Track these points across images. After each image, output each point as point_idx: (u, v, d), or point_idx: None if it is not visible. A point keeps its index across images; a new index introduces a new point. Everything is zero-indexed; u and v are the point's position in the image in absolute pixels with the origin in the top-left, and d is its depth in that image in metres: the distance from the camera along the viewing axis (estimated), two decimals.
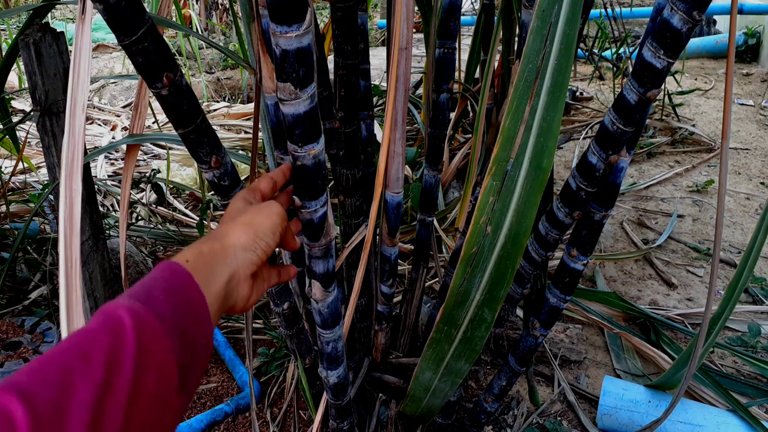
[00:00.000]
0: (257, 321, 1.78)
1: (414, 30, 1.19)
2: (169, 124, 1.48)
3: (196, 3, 5.29)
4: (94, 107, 3.83)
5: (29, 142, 3.04)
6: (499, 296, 0.83)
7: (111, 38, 5.09)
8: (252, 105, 3.15)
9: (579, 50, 3.39)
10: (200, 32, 4.99)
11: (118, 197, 2.47)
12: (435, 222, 1.60)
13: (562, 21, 0.70)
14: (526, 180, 0.75)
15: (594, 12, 3.51)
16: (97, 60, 4.74)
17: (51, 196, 1.91)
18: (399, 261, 1.19)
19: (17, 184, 2.59)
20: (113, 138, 3.28)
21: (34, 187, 2.56)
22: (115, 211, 2.44)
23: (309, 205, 0.75)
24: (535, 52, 0.72)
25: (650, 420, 1.37)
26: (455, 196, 2.42)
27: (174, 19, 3.75)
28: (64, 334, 0.97)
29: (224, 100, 4.30)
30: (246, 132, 3.33)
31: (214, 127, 1.01)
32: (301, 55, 0.61)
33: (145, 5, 0.69)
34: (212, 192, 1.92)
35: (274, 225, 0.65)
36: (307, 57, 0.61)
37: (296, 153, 0.70)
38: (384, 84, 3.48)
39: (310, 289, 0.89)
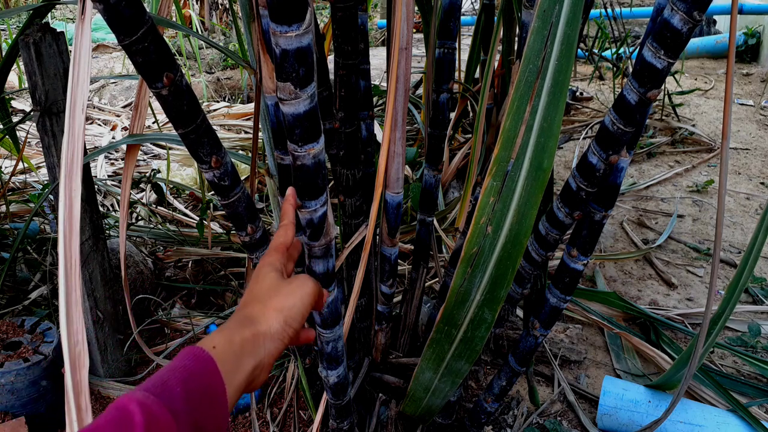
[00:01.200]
0: None
1: (414, 30, 1.19)
2: (169, 124, 1.48)
3: (196, 3, 5.29)
4: (94, 107, 3.83)
5: (29, 142, 3.04)
6: (499, 296, 0.83)
7: (111, 38, 5.09)
8: (252, 105, 3.15)
9: (579, 50, 3.39)
10: (200, 32, 4.99)
11: (118, 197, 2.47)
12: (435, 222, 1.60)
13: (562, 21, 0.70)
14: (527, 180, 0.75)
15: (594, 12, 3.51)
16: (97, 60, 4.74)
17: (51, 196, 1.91)
18: (399, 261, 1.19)
19: (17, 184, 2.59)
20: (113, 138, 3.28)
21: (34, 187, 2.56)
22: (115, 211, 2.44)
23: (309, 204, 0.75)
24: (535, 52, 0.72)
25: (650, 420, 1.37)
26: (455, 196, 2.42)
27: (174, 19, 3.75)
28: (64, 334, 0.96)
29: (224, 100, 4.30)
30: (246, 132, 3.33)
31: (214, 127, 1.01)
32: (301, 54, 0.61)
33: (145, 5, 0.69)
34: (212, 192, 1.92)
35: (305, 308, 0.63)
36: (308, 56, 0.61)
37: (296, 153, 0.70)
38: (384, 84, 3.48)
39: None
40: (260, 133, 1.09)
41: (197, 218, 2.27)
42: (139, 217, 2.37)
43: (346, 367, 1.03)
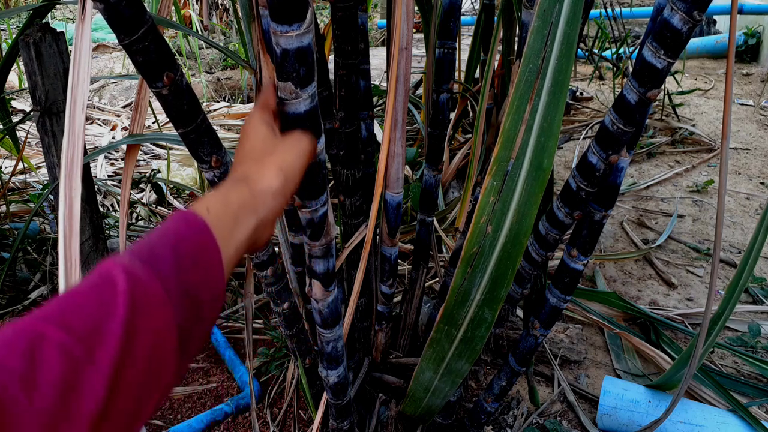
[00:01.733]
0: (257, 321, 1.78)
1: (414, 30, 1.19)
2: (169, 124, 1.48)
3: (196, 3, 5.29)
4: (94, 107, 3.83)
5: (29, 142, 3.04)
6: (499, 296, 0.83)
7: (111, 38, 5.09)
8: (252, 105, 3.14)
9: (579, 50, 3.39)
10: (200, 32, 4.99)
11: (118, 197, 2.46)
12: (435, 222, 1.60)
13: (562, 21, 0.70)
14: (527, 180, 0.75)
15: (594, 12, 3.51)
16: (97, 60, 4.74)
17: (51, 196, 1.91)
18: (399, 261, 1.19)
19: (17, 184, 2.59)
20: (113, 138, 3.28)
21: (34, 187, 2.56)
22: (115, 211, 2.44)
23: (310, 204, 0.75)
24: (535, 52, 0.72)
25: (650, 420, 1.37)
26: (455, 196, 2.42)
27: (174, 19, 3.75)
28: None
29: (224, 100, 4.30)
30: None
31: (215, 127, 1.01)
32: (301, 54, 0.60)
33: (145, 5, 0.69)
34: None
35: (303, 165, 0.60)
36: (308, 56, 0.61)
37: None
38: (384, 84, 3.48)
39: (310, 289, 0.89)
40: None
41: None
42: (139, 217, 2.37)
43: (346, 366, 1.03)
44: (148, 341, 0.39)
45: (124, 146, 1.99)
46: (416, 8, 1.77)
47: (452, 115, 2.66)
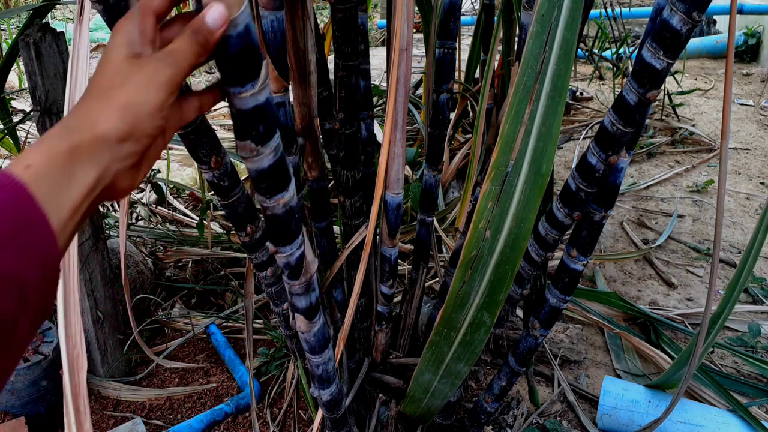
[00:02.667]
0: (257, 321, 1.78)
1: (414, 30, 1.19)
2: None
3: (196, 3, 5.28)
4: None
5: (29, 142, 3.04)
6: (498, 300, 0.83)
7: None
8: None
9: (579, 50, 3.38)
10: None
11: None
12: (435, 222, 1.60)
13: (561, 25, 0.70)
14: (526, 185, 0.75)
15: (594, 12, 3.51)
16: (96, 60, 4.74)
17: None
18: (399, 261, 1.19)
19: None
20: None
21: None
22: (115, 211, 2.44)
23: (284, 250, 0.73)
24: (534, 56, 0.71)
25: (650, 420, 1.37)
26: (455, 196, 2.42)
27: None
28: (62, 336, 0.97)
29: (224, 101, 4.29)
30: None
31: (214, 127, 1.00)
32: (259, 112, 0.55)
33: None
34: (212, 192, 1.92)
35: (164, 100, 0.48)
36: (267, 112, 0.56)
37: (265, 204, 0.66)
38: (384, 84, 3.48)
39: (294, 322, 0.88)
40: None
41: (197, 218, 2.27)
42: (139, 217, 2.37)
43: (339, 383, 1.03)
44: None
45: None
46: (416, 8, 1.77)
47: (452, 115, 2.66)
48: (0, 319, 0.36)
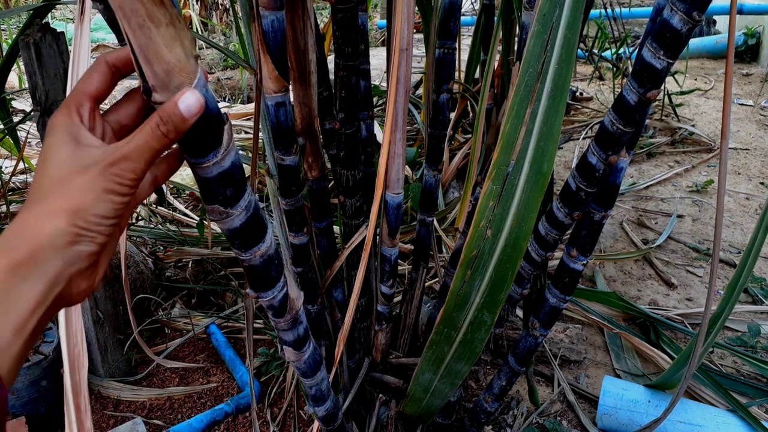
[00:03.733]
0: (257, 321, 1.78)
1: (414, 30, 1.19)
2: None
3: (196, 3, 5.29)
4: None
5: (29, 142, 3.04)
6: (499, 299, 0.83)
7: (111, 38, 5.09)
8: (252, 105, 3.14)
9: (579, 50, 3.39)
10: (201, 32, 4.99)
11: None
12: (435, 222, 1.60)
13: (563, 25, 0.70)
14: (527, 184, 0.75)
15: (594, 12, 3.51)
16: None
17: None
18: (399, 261, 1.19)
19: (17, 184, 2.59)
20: None
21: None
22: None
23: (265, 294, 0.71)
24: (535, 56, 0.72)
25: (650, 420, 1.37)
26: (455, 196, 2.42)
27: None
28: (63, 335, 0.97)
29: (224, 100, 4.30)
30: (246, 132, 3.33)
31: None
32: (224, 177, 0.53)
33: None
34: None
35: (117, 207, 0.43)
36: (234, 176, 0.53)
37: (242, 257, 0.64)
38: (384, 84, 3.48)
39: (283, 353, 0.87)
40: (260, 133, 1.09)
41: (197, 218, 2.27)
42: (139, 217, 2.37)
43: (334, 398, 1.02)
44: None
45: None
46: (416, 8, 1.77)
47: (452, 115, 2.66)
48: None
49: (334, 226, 1.14)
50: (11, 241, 0.41)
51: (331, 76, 1.03)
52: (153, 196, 2.59)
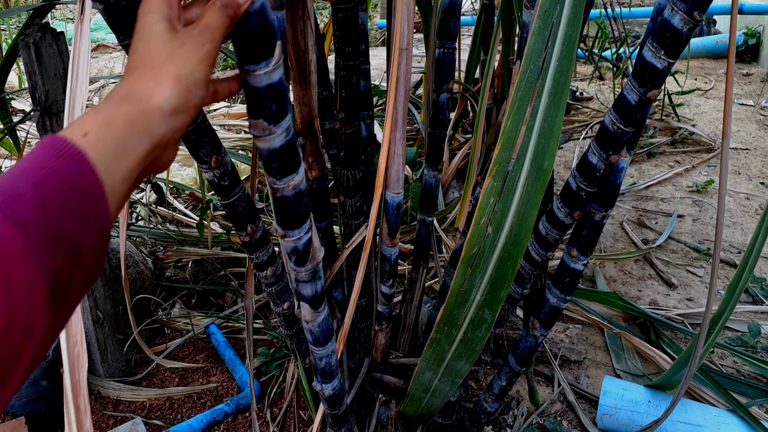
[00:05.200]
0: (257, 321, 1.78)
1: (414, 30, 1.19)
2: None
3: None
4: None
5: (29, 142, 3.04)
6: (499, 297, 0.83)
7: (111, 38, 5.09)
8: None
9: (579, 50, 3.39)
10: None
11: None
12: (435, 222, 1.60)
13: (563, 22, 0.70)
14: (527, 181, 0.75)
15: (594, 12, 3.51)
16: (97, 60, 4.74)
17: None
18: (399, 261, 1.19)
19: None
20: None
21: None
22: None
23: (292, 233, 0.73)
24: (536, 53, 0.72)
25: (650, 420, 1.37)
26: (455, 196, 2.42)
27: None
28: (63, 335, 0.96)
29: (224, 100, 4.30)
30: (246, 132, 3.33)
31: (214, 127, 1.00)
32: (272, 90, 0.58)
33: None
34: (212, 192, 1.92)
35: (209, 68, 0.50)
36: (279, 92, 0.58)
37: (275, 186, 0.67)
38: (384, 84, 3.48)
39: (299, 311, 0.88)
40: None
41: (197, 218, 2.27)
42: (139, 217, 2.37)
43: (341, 378, 1.03)
44: (4, 303, 0.35)
45: None
46: (416, 8, 1.77)
47: (452, 115, 2.66)
48: (58, 276, 0.39)
49: (334, 226, 1.14)
50: (127, 96, 0.46)
51: (331, 76, 1.03)
52: (153, 196, 2.59)
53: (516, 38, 1.68)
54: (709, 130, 3.34)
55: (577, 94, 3.86)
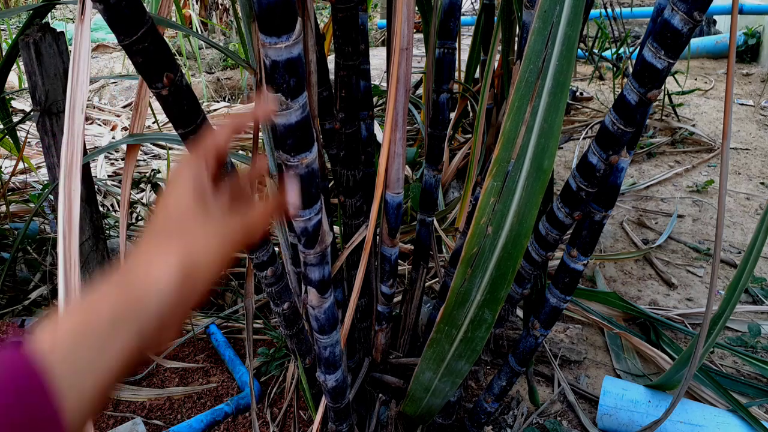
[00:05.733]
0: (257, 321, 1.78)
1: (414, 30, 1.19)
2: (169, 124, 1.48)
3: (196, 3, 5.29)
4: (94, 107, 3.83)
5: (29, 142, 3.04)
6: (499, 297, 0.83)
7: (111, 38, 5.09)
8: (252, 105, 3.14)
9: (579, 50, 3.38)
10: (200, 32, 4.99)
11: (118, 197, 2.46)
12: (435, 222, 1.60)
13: (563, 22, 0.70)
14: (527, 181, 0.75)
15: (594, 12, 3.51)
16: (97, 60, 4.74)
17: (51, 196, 1.91)
18: (399, 261, 1.19)
19: (17, 184, 2.58)
20: (113, 138, 3.28)
21: (34, 187, 2.56)
22: (115, 211, 2.44)
23: (303, 213, 0.74)
24: (536, 53, 0.72)
25: (650, 420, 1.37)
26: (455, 196, 2.42)
27: (174, 19, 3.74)
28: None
29: (224, 100, 4.30)
30: (246, 132, 3.33)
31: (215, 128, 1.00)
32: (291, 65, 0.60)
33: (145, 5, 0.69)
34: None
35: (228, 253, 0.46)
36: (298, 67, 0.61)
37: (289, 162, 0.69)
38: (384, 84, 3.48)
39: (306, 296, 0.88)
40: (260, 133, 1.09)
41: None
42: (139, 217, 2.37)
43: (345, 370, 1.03)
44: None
45: (124, 146, 1.99)
46: (416, 8, 1.77)
47: (452, 115, 2.66)
48: None
49: (334, 226, 1.14)
50: (124, 280, 0.42)
51: (331, 76, 1.03)
52: (153, 196, 2.59)
53: (516, 38, 1.68)
54: (709, 130, 3.34)
55: (577, 94, 3.86)
